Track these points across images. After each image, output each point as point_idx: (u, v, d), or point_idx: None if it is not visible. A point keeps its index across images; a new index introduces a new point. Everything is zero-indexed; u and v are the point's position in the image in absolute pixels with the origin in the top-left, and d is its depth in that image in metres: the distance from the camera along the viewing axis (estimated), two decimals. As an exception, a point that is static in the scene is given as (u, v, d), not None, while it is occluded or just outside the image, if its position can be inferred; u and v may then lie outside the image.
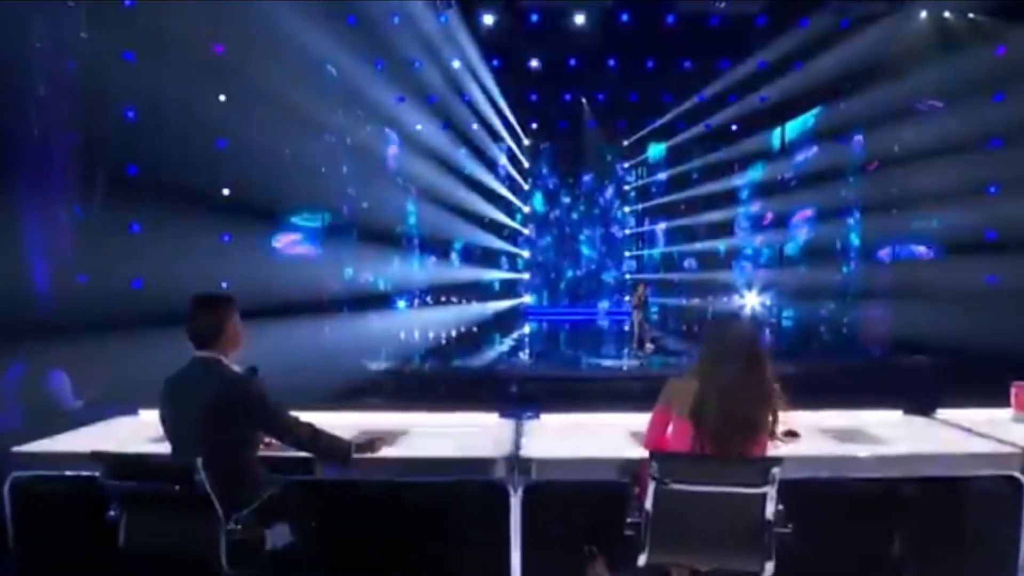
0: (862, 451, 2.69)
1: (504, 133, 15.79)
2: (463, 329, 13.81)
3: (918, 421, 3.20)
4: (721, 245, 16.61)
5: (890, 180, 11.50)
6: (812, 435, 2.84)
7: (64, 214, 8.89)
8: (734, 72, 13.22)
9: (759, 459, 2.15)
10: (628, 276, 18.06)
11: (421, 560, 2.74)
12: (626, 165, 18.27)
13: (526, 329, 15.79)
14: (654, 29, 12.61)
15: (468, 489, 2.60)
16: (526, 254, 18.20)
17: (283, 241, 11.68)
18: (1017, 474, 2.62)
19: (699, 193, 16.29)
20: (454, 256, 16.71)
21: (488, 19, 12.10)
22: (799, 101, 13.24)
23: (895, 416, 3.27)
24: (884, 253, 12.51)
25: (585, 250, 18.86)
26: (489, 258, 17.21)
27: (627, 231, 18.56)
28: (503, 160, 16.63)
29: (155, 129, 8.71)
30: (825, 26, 10.94)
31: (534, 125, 16.84)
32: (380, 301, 13.54)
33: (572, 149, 17.61)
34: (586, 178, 18.64)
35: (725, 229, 16.31)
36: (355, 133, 12.66)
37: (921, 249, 11.48)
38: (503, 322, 15.26)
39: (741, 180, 16.10)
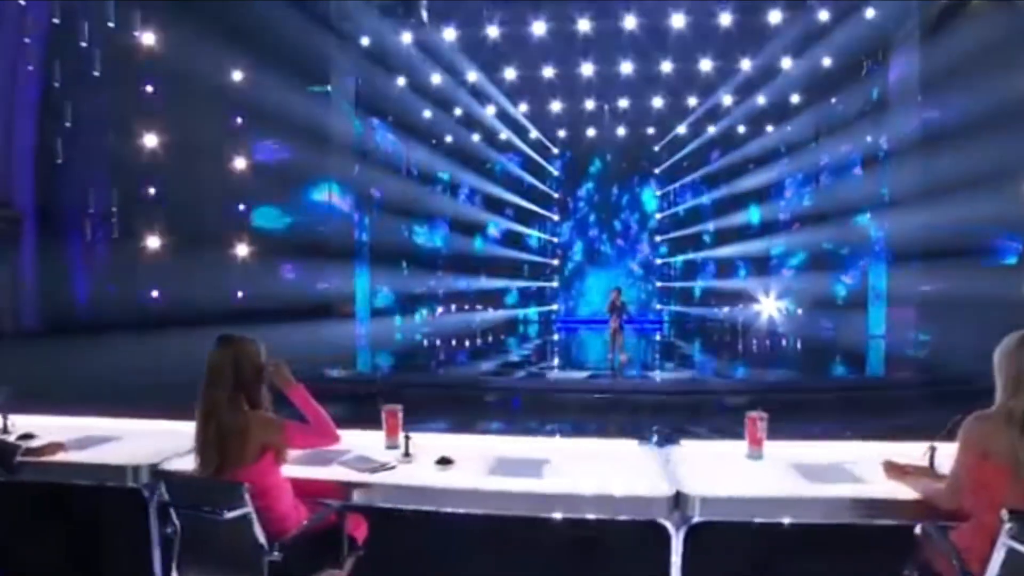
0: (508, 484, 2.45)
1: (527, 144, 15.80)
2: (476, 338, 13.90)
3: (644, 453, 2.85)
4: (744, 249, 15.57)
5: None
6: (472, 464, 2.62)
7: (95, 234, 10.03)
8: (757, 68, 12.43)
9: (230, 483, 2.06)
10: (659, 283, 17.33)
11: (75, 564, 2.84)
12: (656, 171, 17.57)
13: (553, 337, 15.57)
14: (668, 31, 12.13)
15: (117, 496, 2.67)
16: (555, 262, 17.97)
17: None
18: (663, 520, 2.29)
19: (730, 194, 15.38)
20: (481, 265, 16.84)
21: (493, 31, 12.18)
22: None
23: (626, 446, 2.94)
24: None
25: (615, 256, 18.28)
26: (516, 267, 17.18)
27: (657, 237, 17.81)
28: (518, 170, 16.61)
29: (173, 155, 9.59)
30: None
31: (561, 133, 16.68)
32: (401, 308, 13.96)
33: (599, 156, 17.24)
34: (614, 185, 18.12)
35: (759, 233, 15.30)
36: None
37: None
38: (521, 331, 15.19)
39: (774, 176, 14.93)
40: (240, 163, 10.78)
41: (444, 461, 2.62)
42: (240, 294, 10.89)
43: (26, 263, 8.84)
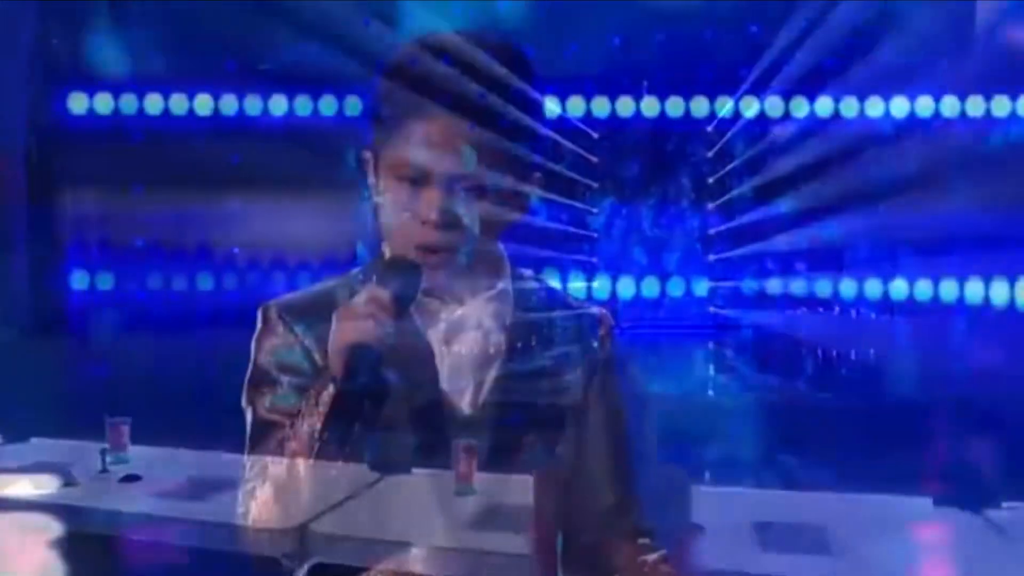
0: (159, 507, 2.41)
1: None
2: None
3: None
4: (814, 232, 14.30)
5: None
6: (158, 483, 2.60)
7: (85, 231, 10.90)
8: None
9: None
10: (711, 282, 16.43)
11: None
12: (709, 153, 16.63)
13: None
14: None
15: None
16: (594, 260, 17.46)
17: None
18: (282, 558, 2.15)
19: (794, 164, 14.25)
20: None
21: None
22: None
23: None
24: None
25: (662, 247, 17.44)
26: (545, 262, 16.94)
27: (711, 232, 16.83)
28: (545, 160, 16.29)
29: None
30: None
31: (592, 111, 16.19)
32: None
33: (639, 132, 16.57)
34: (657, 167, 17.37)
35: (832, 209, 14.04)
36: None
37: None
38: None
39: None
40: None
41: (129, 479, 2.64)
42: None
43: (18, 261, 9.76)
